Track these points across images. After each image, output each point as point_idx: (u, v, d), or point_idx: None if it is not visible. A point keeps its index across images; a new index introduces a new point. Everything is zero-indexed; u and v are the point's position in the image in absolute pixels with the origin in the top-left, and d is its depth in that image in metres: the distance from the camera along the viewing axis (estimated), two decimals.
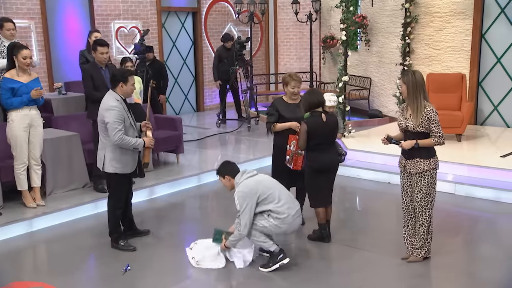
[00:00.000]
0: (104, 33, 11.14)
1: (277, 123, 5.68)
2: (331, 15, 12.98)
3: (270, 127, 5.71)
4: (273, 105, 5.78)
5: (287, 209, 4.90)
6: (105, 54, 6.89)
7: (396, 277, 4.93)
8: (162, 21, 12.27)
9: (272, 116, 5.70)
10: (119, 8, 11.45)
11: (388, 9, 11.01)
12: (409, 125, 4.86)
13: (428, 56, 10.35)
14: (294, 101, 5.76)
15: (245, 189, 4.88)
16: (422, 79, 4.84)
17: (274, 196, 4.91)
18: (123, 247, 5.53)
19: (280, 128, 5.66)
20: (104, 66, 6.96)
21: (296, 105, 5.72)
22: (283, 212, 4.88)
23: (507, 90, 9.70)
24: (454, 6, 9.92)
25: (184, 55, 12.98)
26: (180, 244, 5.65)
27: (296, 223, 5.01)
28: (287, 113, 5.67)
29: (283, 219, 4.89)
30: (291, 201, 5.02)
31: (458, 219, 6.38)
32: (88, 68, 6.99)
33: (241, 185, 4.92)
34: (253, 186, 4.90)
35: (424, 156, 4.86)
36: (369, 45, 11.57)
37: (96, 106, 6.82)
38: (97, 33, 8.14)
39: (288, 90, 5.73)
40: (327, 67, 13.41)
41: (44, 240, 5.98)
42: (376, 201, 7.10)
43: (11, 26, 7.16)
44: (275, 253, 4.98)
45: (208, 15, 13.17)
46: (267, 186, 4.97)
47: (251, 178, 4.99)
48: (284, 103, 5.77)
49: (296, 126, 5.54)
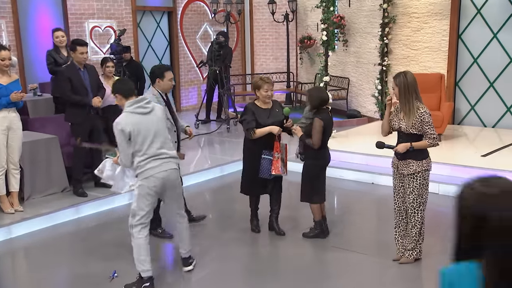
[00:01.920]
0: (78, 32, 10.92)
1: (255, 129, 5.43)
2: (307, 15, 12.96)
3: (251, 134, 5.42)
4: (248, 111, 5.51)
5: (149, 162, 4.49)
6: (84, 54, 6.70)
7: (390, 279, 4.90)
8: (137, 20, 12.06)
9: (251, 122, 5.42)
10: (93, 7, 11.21)
11: (366, 10, 11.05)
12: (402, 126, 4.83)
13: (406, 57, 10.42)
14: (267, 105, 5.54)
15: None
16: (414, 80, 4.81)
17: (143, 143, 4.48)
18: (161, 234, 5.71)
19: (261, 134, 5.41)
20: (83, 67, 6.77)
21: (270, 110, 5.53)
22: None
23: (483, 90, 9.83)
24: (431, 7, 10.00)
25: (160, 55, 12.79)
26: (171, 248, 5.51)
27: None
28: (262, 118, 5.45)
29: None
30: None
31: (445, 219, 6.38)
32: (65, 70, 6.78)
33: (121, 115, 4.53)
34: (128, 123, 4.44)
35: (416, 157, 4.84)
36: (346, 45, 11.58)
37: (75, 109, 6.67)
38: (60, 32, 7.86)
39: (261, 94, 5.47)
40: (304, 67, 13.40)
41: (24, 246, 5.76)
42: (361, 202, 7.08)
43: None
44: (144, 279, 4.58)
45: (184, 14, 13.02)
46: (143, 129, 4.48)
47: (136, 114, 4.48)
48: (258, 108, 5.51)
49: (278, 130, 5.39)
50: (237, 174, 7.97)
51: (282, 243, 5.64)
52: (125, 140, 4.46)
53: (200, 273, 4.97)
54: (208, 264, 5.15)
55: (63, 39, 7.69)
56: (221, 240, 5.74)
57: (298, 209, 6.38)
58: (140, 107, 4.51)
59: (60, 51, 7.69)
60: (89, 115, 6.78)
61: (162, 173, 4.52)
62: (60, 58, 7.65)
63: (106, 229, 6.15)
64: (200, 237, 5.73)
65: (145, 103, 4.56)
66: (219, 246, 5.57)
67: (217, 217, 6.58)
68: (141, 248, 4.53)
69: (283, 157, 5.46)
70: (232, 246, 5.57)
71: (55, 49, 7.74)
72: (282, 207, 5.86)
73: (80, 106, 6.70)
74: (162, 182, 4.52)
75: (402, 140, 4.89)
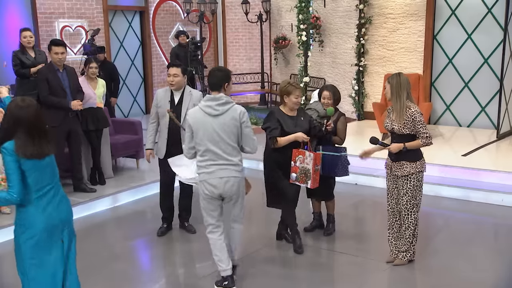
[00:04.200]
0: (48, 32, 10.60)
1: (279, 138, 5.09)
2: (282, 16, 12.91)
3: (274, 142, 5.06)
4: (272, 117, 5.16)
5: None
6: (60, 55, 6.46)
7: (386, 282, 4.87)
8: (109, 20, 11.79)
9: (275, 130, 5.06)
10: (63, 6, 10.90)
11: (341, 10, 11.06)
12: (395, 127, 4.80)
13: (382, 57, 10.47)
14: (293, 112, 5.22)
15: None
16: (406, 81, 4.80)
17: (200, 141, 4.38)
18: (187, 228, 5.90)
19: (285, 142, 5.06)
20: (62, 69, 6.54)
21: (296, 117, 5.20)
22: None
23: (458, 90, 9.96)
24: (407, 8, 10.08)
25: (132, 56, 12.54)
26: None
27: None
28: (289, 126, 5.11)
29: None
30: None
31: (433, 220, 6.42)
32: (43, 70, 6.54)
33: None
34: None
35: (410, 158, 4.82)
36: (322, 45, 11.57)
37: (52, 111, 6.42)
38: (28, 32, 7.53)
39: (290, 101, 5.12)
40: (279, 67, 13.34)
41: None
42: (346, 203, 7.01)
43: None
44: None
45: (156, 14, 12.79)
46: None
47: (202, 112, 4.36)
48: (284, 116, 5.17)
49: (303, 138, 5.06)
50: None
51: (272, 247, 5.54)
52: (189, 131, 4.39)
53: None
54: None
55: (31, 39, 7.38)
56: None
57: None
58: (208, 106, 4.34)
59: (27, 52, 7.36)
60: (68, 117, 6.56)
61: (216, 180, 4.38)
62: (27, 60, 7.33)
63: (85, 236, 5.91)
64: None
65: (217, 104, 4.34)
66: None
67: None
68: (215, 249, 4.53)
69: (302, 167, 5.11)
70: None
71: (22, 49, 7.39)
72: None
73: (58, 108, 6.47)
74: (214, 189, 4.40)
75: (395, 141, 4.87)
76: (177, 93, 5.51)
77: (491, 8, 9.41)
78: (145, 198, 7.09)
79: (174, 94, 5.51)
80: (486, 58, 9.58)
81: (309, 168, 5.07)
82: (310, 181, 5.10)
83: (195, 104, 5.23)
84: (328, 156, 5.38)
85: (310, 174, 5.08)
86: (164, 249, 5.60)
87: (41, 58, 7.45)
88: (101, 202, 6.69)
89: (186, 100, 5.47)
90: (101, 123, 7.06)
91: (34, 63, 7.29)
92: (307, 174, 5.09)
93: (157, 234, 5.80)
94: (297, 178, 5.12)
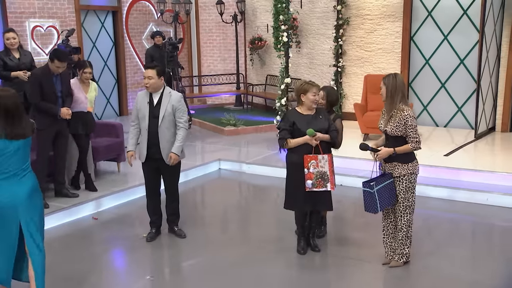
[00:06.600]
0: (18, 32, 10.21)
1: (290, 139, 5.03)
2: (256, 17, 12.85)
3: (283, 144, 5.04)
4: (285, 118, 5.13)
5: None
6: (60, 69, 6.29)
7: (381, 284, 4.85)
8: (81, 20, 11.50)
9: (284, 131, 5.03)
10: (34, 6, 10.58)
11: (319, 11, 11.07)
12: (388, 129, 4.80)
13: (360, 58, 10.53)
14: (311, 111, 5.10)
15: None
16: (402, 83, 4.80)
17: None
18: (177, 232, 5.82)
19: (295, 144, 5.01)
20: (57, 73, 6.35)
21: (314, 116, 5.08)
22: None
23: (435, 91, 10.09)
24: (384, 9, 10.16)
25: (105, 57, 12.27)
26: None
27: None
28: (304, 126, 5.00)
29: None
30: None
31: (423, 220, 6.42)
32: (38, 74, 6.34)
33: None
34: None
35: (402, 160, 4.82)
36: (299, 46, 11.56)
37: (43, 116, 6.22)
38: (11, 33, 7.27)
39: (308, 99, 5.00)
40: (255, 68, 13.27)
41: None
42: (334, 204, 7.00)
43: None
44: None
45: (129, 14, 12.55)
46: None
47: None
48: (300, 115, 5.07)
49: (311, 141, 4.96)
50: (202, 178, 7.76)
51: (269, 251, 5.47)
52: None
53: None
54: None
55: (14, 41, 7.13)
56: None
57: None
58: None
59: (11, 53, 7.13)
60: (56, 120, 6.38)
61: None
62: (10, 61, 7.09)
63: (69, 243, 5.72)
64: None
65: None
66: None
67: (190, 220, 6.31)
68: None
69: (317, 172, 5.00)
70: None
71: (5, 51, 7.16)
72: None
73: (48, 113, 6.31)
74: None
75: (388, 142, 4.87)
76: (155, 95, 5.48)
77: (466, 10, 9.57)
78: (128, 202, 6.92)
79: (152, 95, 5.48)
80: (462, 59, 9.73)
81: (326, 171, 4.98)
82: (329, 183, 5.01)
83: (174, 105, 5.38)
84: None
85: (327, 176, 5.00)
86: (152, 254, 5.47)
87: (26, 58, 7.24)
88: (83, 208, 6.49)
89: (164, 101, 5.44)
90: (89, 127, 6.88)
91: (18, 64, 7.09)
92: (324, 177, 5.00)
93: (146, 240, 5.66)
94: (314, 184, 5.00)
